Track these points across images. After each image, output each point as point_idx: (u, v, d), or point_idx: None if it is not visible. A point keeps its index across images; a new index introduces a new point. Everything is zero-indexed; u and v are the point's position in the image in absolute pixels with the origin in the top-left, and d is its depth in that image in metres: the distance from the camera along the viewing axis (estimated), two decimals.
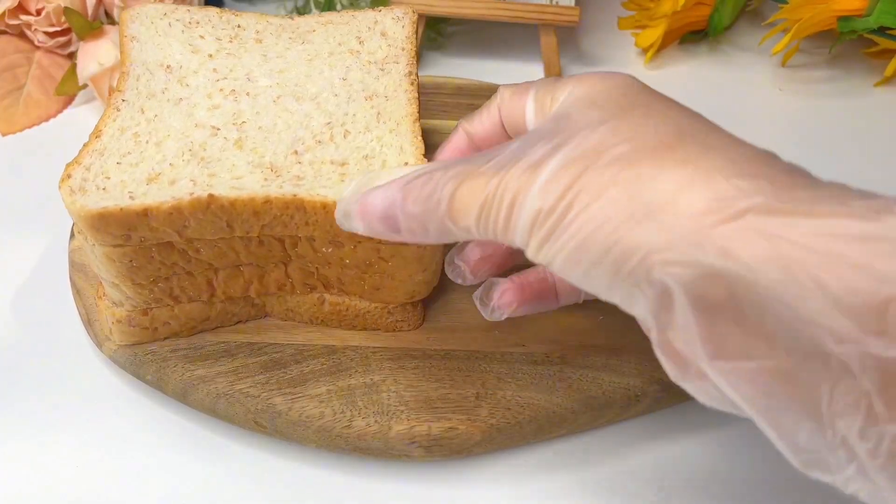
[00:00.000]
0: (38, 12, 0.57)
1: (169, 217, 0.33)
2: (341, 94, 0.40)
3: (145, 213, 0.33)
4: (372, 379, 0.39)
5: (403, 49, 0.43)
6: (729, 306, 0.24)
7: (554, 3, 0.58)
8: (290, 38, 0.44)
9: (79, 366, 0.42)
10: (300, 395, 0.38)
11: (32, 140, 0.55)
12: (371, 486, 0.38)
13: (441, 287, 0.42)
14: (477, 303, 0.39)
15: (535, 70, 0.62)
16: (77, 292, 0.42)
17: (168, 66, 0.41)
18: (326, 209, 0.34)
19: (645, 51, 0.64)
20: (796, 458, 0.24)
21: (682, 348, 0.25)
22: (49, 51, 0.59)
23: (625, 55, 0.65)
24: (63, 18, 0.56)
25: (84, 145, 0.36)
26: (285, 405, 0.38)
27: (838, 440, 0.23)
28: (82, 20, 0.54)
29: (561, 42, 0.63)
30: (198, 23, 0.43)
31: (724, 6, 0.63)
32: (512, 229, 0.28)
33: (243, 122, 0.38)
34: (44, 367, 0.42)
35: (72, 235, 0.46)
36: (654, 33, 0.62)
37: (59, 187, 0.34)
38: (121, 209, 0.33)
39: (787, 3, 0.59)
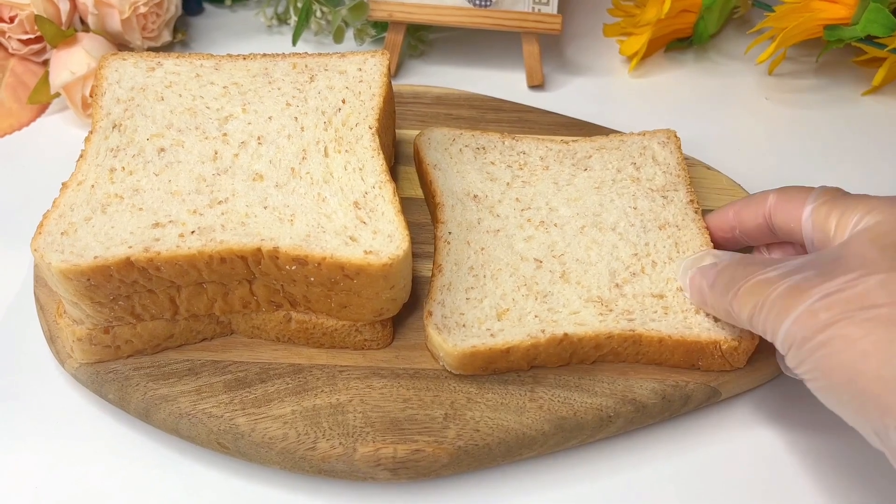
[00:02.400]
0: (12, 19, 0.56)
1: (526, 353, 0.38)
2: (637, 224, 0.44)
3: (508, 351, 0.38)
4: (338, 399, 0.38)
5: (678, 176, 0.47)
6: None
7: (536, 11, 0.57)
8: (572, 164, 0.47)
9: (42, 382, 0.41)
10: (264, 415, 0.37)
11: (3, 149, 0.54)
12: None
13: (412, 304, 0.41)
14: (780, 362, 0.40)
15: (517, 78, 0.61)
16: (40, 308, 0.42)
17: (475, 196, 0.45)
18: (661, 342, 0.39)
19: (629, 59, 0.63)
20: None
21: None
22: (23, 58, 0.58)
23: (609, 63, 0.64)
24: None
25: (430, 281, 0.41)
26: (248, 426, 0.37)
27: None
28: (54, 28, 0.53)
29: (544, 50, 0.62)
30: (484, 148, 0.48)
31: (709, 14, 0.62)
32: (774, 337, 0.33)
33: (561, 253, 0.42)
34: (6, 382, 0.41)
35: None
36: (639, 41, 0.61)
37: (425, 326, 0.39)
38: (488, 348, 0.38)
39: (773, 11, 0.58)
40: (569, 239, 0.43)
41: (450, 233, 0.43)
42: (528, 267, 0.42)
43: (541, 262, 0.42)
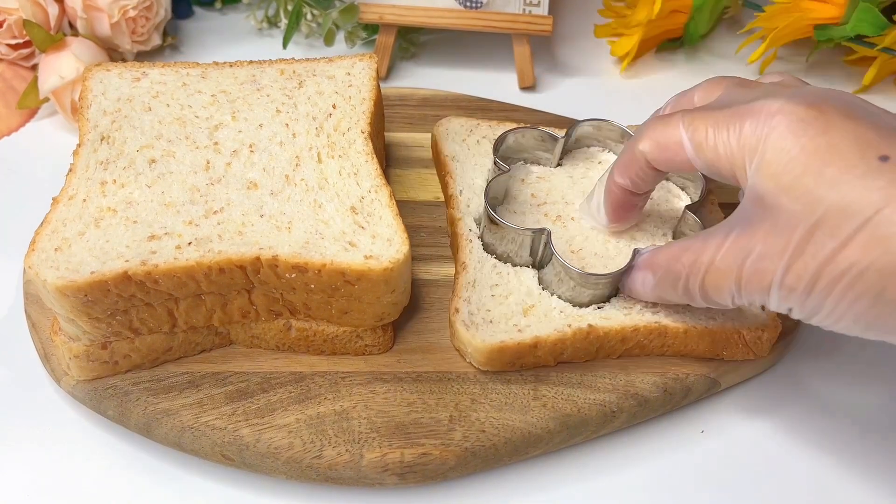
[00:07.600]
0: (0, 24, 0.55)
1: (553, 347, 0.38)
2: (653, 215, 0.44)
3: (535, 345, 0.38)
4: (342, 406, 0.38)
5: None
6: None
7: (527, 12, 0.57)
8: (585, 157, 0.47)
9: (38, 401, 0.41)
10: (268, 425, 0.37)
11: None
12: None
13: (412, 307, 0.41)
14: None
15: (509, 79, 0.61)
16: (32, 325, 0.41)
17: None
18: (686, 333, 0.39)
19: (621, 59, 0.63)
20: None
21: None
22: (12, 63, 0.58)
23: (600, 64, 0.64)
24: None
25: (455, 278, 0.41)
26: (253, 437, 0.36)
27: None
28: (43, 32, 0.53)
29: (535, 51, 0.62)
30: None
31: (700, 14, 0.62)
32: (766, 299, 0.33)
33: (579, 248, 0.42)
34: (1, 402, 0.41)
35: None
36: (630, 41, 0.61)
37: (452, 322, 0.39)
38: (516, 343, 0.37)
39: (763, 11, 0.58)
40: (586, 233, 0.43)
41: (470, 230, 0.43)
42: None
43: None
